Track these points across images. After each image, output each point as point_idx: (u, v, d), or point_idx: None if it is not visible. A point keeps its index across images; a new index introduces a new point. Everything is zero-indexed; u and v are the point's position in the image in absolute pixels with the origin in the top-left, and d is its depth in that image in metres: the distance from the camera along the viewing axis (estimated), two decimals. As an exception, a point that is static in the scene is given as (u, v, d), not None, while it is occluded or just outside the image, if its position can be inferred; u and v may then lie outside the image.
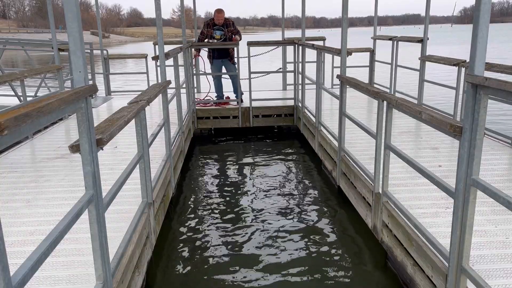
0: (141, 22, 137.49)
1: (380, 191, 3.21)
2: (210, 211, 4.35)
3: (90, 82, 1.89)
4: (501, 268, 2.30)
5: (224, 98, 7.49)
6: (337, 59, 4.66)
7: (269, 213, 4.24)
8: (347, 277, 3.13)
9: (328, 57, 6.54)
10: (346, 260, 3.36)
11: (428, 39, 5.95)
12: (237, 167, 5.79)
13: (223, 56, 7.15)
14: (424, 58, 5.85)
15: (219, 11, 7.13)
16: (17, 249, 2.55)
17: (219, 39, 6.97)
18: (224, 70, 7.30)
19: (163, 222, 3.78)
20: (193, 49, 7.21)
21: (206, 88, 8.00)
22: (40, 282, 2.21)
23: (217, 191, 4.90)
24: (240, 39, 7.21)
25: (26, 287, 1.28)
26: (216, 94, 7.55)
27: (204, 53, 7.65)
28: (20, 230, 2.79)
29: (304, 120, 6.46)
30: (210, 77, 7.76)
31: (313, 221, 4.06)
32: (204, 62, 8.00)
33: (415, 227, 2.62)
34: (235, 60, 7.15)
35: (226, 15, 7.28)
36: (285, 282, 3.09)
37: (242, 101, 7.22)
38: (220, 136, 7.26)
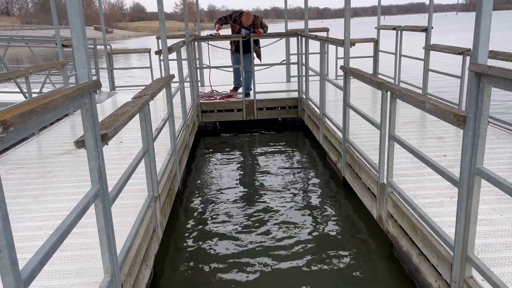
0: (144, 17, 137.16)
1: (385, 182, 3.22)
2: (215, 203, 4.37)
3: (94, 78, 1.90)
4: (506, 256, 2.31)
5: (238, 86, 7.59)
6: (341, 50, 4.64)
7: (275, 205, 4.26)
8: (352, 267, 3.15)
9: (331, 48, 6.50)
10: (352, 250, 3.38)
11: (432, 28, 5.90)
12: (242, 160, 5.81)
13: (246, 52, 7.13)
14: (429, 47, 5.81)
15: (248, 17, 7.11)
16: (26, 244, 2.58)
17: (244, 37, 6.99)
18: (241, 62, 7.25)
19: (169, 215, 3.80)
20: (217, 25, 7.27)
21: (216, 80, 8.03)
22: (49, 276, 2.24)
23: (222, 184, 4.92)
24: (265, 32, 7.18)
25: (35, 281, 1.30)
26: (233, 80, 7.66)
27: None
28: (28, 225, 2.83)
29: (308, 112, 6.46)
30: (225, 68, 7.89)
31: (318, 212, 4.07)
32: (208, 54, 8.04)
33: (420, 217, 2.63)
34: (255, 56, 7.23)
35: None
36: (290, 272, 3.11)
37: (248, 95, 7.22)
38: (225, 129, 7.27)
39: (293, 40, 7.68)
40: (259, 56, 7.36)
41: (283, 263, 3.24)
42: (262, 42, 7.57)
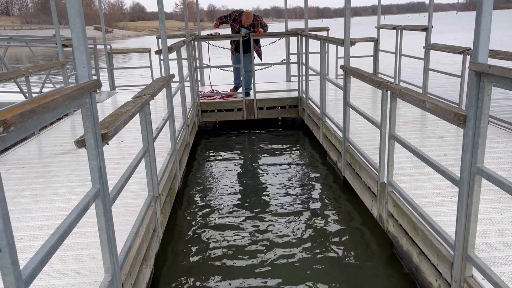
0: (144, 16, 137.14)
1: (385, 181, 3.22)
2: (216, 203, 4.37)
3: (94, 77, 1.90)
4: (507, 255, 2.31)
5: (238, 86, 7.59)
6: (341, 50, 4.65)
7: (275, 204, 4.26)
8: (353, 267, 3.15)
9: (331, 47, 6.50)
10: (352, 249, 3.38)
11: (432, 27, 5.90)
12: (242, 159, 5.81)
13: (246, 51, 7.10)
14: (429, 47, 5.81)
15: (248, 17, 7.11)
16: (26, 243, 2.58)
17: (244, 37, 6.98)
18: (242, 62, 7.16)
19: (170, 215, 3.81)
20: (215, 21, 7.30)
21: (216, 80, 8.04)
22: (49, 275, 2.24)
23: (222, 183, 4.92)
24: (265, 31, 7.16)
25: (35, 280, 1.31)
26: (234, 80, 7.67)
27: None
28: (28, 225, 2.83)
29: (308, 111, 6.45)
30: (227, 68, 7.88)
31: (319, 211, 4.07)
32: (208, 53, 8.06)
33: (421, 216, 2.63)
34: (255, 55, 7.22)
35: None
36: (290, 271, 3.11)
37: (249, 94, 7.22)
38: (225, 129, 7.27)
39: (293, 40, 7.68)
40: (259, 55, 7.35)
41: (284, 262, 3.24)
42: (263, 41, 7.56)
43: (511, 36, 26.12)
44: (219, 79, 8.59)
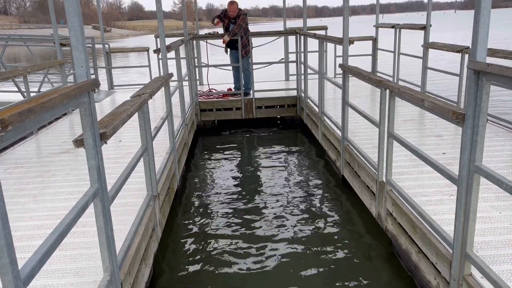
0: (142, 15, 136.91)
1: (384, 180, 3.22)
2: (214, 202, 4.37)
3: (93, 77, 1.90)
4: (505, 253, 2.31)
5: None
6: (340, 48, 4.65)
7: (274, 203, 4.26)
8: (352, 265, 3.15)
9: (330, 46, 6.50)
10: (351, 248, 3.38)
11: (431, 26, 5.90)
12: (241, 158, 5.81)
13: (236, 48, 6.97)
14: (427, 45, 5.81)
15: (231, 3, 6.94)
16: (25, 243, 2.58)
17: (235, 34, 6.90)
18: (240, 60, 6.99)
19: (169, 214, 3.80)
20: (216, 19, 7.14)
21: (215, 79, 8.02)
22: (48, 275, 2.24)
23: (221, 182, 4.92)
24: (235, 33, 6.87)
25: (34, 280, 1.30)
26: (234, 83, 7.53)
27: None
28: (27, 225, 2.82)
29: (307, 110, 6.45)
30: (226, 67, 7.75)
31: (318, 210, 4.07)
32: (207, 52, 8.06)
33: (419, 214, 2.63)
34: (243, 52, 6.99)
35: (227, 5, 7.17)
36: (289, 269, 3.11)
37: (247, 93, 7.19)
38: (224, 128, 7.27)
39: (291, 39, 7.67)
40: (244, 48, 7.00)
41: (283, 260, 3.24)
42: (261, 40, 7.54)
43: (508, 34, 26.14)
44: (217, 79, 8.58)
